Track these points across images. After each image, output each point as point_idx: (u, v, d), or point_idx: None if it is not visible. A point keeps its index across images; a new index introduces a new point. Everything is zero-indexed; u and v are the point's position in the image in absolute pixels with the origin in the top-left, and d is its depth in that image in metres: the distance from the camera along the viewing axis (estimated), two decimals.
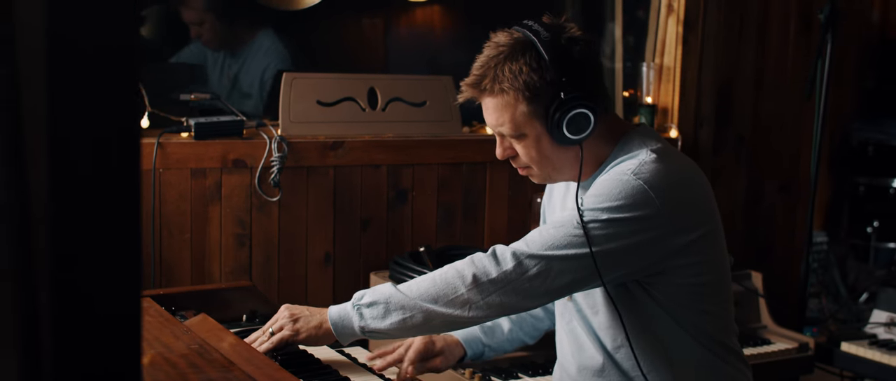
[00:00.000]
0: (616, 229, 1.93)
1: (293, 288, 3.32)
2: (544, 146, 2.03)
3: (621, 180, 1.95)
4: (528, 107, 1.98)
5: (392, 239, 3.46)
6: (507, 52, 1.99)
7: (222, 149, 3.15)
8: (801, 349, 3.34)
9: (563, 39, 1.99)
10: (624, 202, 1.93)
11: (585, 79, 2.00)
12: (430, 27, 4.12)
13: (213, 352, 2.04)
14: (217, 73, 3.69)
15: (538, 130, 2.01)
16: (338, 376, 2.15)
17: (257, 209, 3.23)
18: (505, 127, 2.03)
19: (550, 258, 1.94)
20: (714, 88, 4.04)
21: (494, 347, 2.41)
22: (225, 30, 3.66)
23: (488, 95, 2.02)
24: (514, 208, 3.65)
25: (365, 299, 2.04)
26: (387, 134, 3.44)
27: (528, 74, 1.96)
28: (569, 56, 1.98)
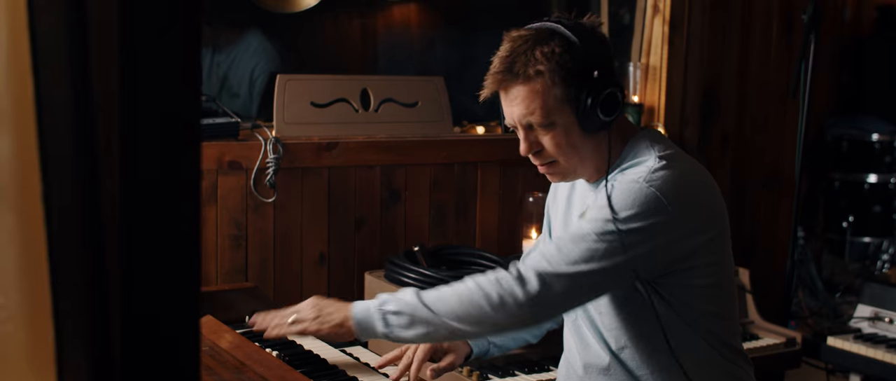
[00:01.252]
0: (633, 238, 1.95)
1: (289, 288, 3.35)
2: (574, 136, 2.02)
3: (633, 190, 1.96)
4: (561, 90, 1.97)
5: (385, 239, 3.50)
6: (534, 37, 1.99)
7: (218, 151, 3.17)
8: (788, 343, 3.40)
9: (585, 27, 2.01)
10: (638, 211, 1.94)
11: (610, 62, 2.04)
12: (420, 27, 4.16)
13: (223, 354, 2.07)
14: (205, 72, 3.70)
15: (568, 118, 2.00)
16: (345, 376, 2.19)
17: (253, 210, 3.26)
18: (535, 115, 2.00)
19: (574, 275, 1.95)
20: (699, 87, 4.10)
21: (499, 344, 2.44)
22: (210, 31, 3.68)
23: (520, 81, 1.99)
24: (505, 207, 3.70)
25: (390, 306, 2.03)
26: (380, 135, 3.47)
27: (561, 55, 1.96)
28: (594, 40, 2.00)
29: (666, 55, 3.98)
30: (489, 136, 3.69)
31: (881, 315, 3.53)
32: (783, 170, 4.36)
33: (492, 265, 3.31)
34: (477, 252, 3.40)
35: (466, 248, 3.44)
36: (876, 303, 3.57)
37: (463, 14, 4.15)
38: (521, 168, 3.70)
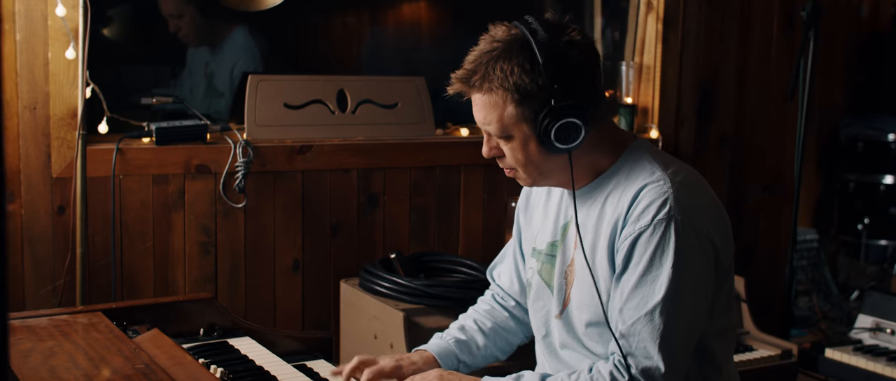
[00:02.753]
0: (686, 278, 1.89)
1: (261, 297, 3.23)
2: (531, 150, 1.94)
3: (668, 230, 1.87)
4: (516, 109, 1.90)
5: (363, 245, 3.37)
6: (501, 50, 1.90)
7: (185, 154, 3.05)
8: (784, 355, 3.25)
9: (561, 42, 1.89)
10: (685, 255, 1.88)
11: (581, 86, 1.91)
12: (408, 26, 4.03)
13: (159, 373, 1.95)
14: (198, 70, 3.58)
15: (526, 133, 1.92)
16: None
17: (222, 216, 3.13)
18: (492, 126, 1.94)
19: (668, 351, 1.88)
20: (695, 86, 3.94)
21: (469, 363, 2.31)
22: (204, 24, 3.55)
23: (477, 91, 1.93)
24: (490, 212, 3.56)
25: None
26: (357, 137, 3.34)
27: (520, 76, 1.87)
28: (565, 60, 1.88)
29: (660, 54, 3.83)
30: (473, 138, 3.55)
31: (882, 326, 3.37)
32: (785, 173, 4.20)
33: (473, 273, 3.18)
34: (458, 259, 3.26)
35: (446, 255, 3.30)
36: (877, 313, 3.41)
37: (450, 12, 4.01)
38: None
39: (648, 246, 1.88)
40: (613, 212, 1.95)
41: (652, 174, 1.93)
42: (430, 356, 2.25)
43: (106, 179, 2.94)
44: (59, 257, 2.92)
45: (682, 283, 1.87)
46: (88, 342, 2.12)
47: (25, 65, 2.84)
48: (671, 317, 1.87)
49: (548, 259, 2.13)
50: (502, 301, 2.40)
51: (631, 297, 1.90)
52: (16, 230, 2.89)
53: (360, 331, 3.07)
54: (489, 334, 2.34)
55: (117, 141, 2.96)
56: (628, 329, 1.90)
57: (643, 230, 1.89)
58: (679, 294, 1.87)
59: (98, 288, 2.97)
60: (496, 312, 2.39)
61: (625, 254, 1.92)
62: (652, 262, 1.88)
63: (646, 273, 1.89)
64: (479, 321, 2.36)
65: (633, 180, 1.95)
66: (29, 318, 2.29)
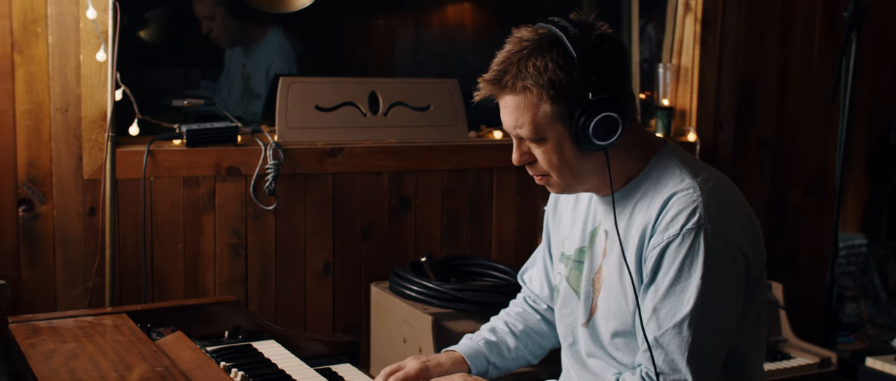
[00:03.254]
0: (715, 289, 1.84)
1: (291, 299, 3.22)
2: (566, 152, 1.89)
3: (698, 239, 1.82)
4: (551, 107, 1.84)
5: (394, 248, 3.35)
6: (531, 47, 1.85)
7: (216, 156, 3.05)
8: (822, 364, 3.17)
9: (592, 37, 1.85)
10: (714, 266, 1.83)
11: (615, 80, 1.87)
12: (443, 28, 4.00)
13: (177, 376, 1.94)
14: (234, 72, 3.59)
15: (560, 133, 1.87)
16: None
17: (252, 218, 3.13)
18: (524, 129, 1.88)
19: (696, 365, 1.83)
20: (734, 89, 3.87)
21: (499, 365, 2.27)
22: (236, 26, 3.56)
23: (509, 92, 1.87)
24: (523, 215, 3.52)
25: None
26: (389, 139, 3.32)
27: (554, 71, 1.82)
28: (598, 55, 1.84)
29: (698, 55, 3.76)
30: (506, 140, 3.51)
31: None
32: (827, 177, 4.11)
33: (505, 277, 3.14)
34: (489, 263, 3.23)
35: (478, 259, 3.27)
36: None
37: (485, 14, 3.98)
38: None
39: (677, 256, 1.83)
40: (642, 219, 1.91)
41: (681, 181, 1.89)
42: (459, 356, 2.21)
43: (137, 181, 2.95)
44: (91, 259, 2.93)
45: (711, 294, 1.82)
46: (111, 344, 2.12)
47: (58, 67, 2.85)
48: (700, 329, 1.82)
49: (576, 265, 2.09)
50: (534, 304, 2.36)
51: (658, 308, 1.85)
52: (48, 232, 2.90)
53: (390, 335, 3.05)
54: (520, 336, 2.30)
55: (148, 143, 2.97)
56: (655, 341, 1.85)
57: (672, 240, 1.84)
58: (708, 306, 1.82)
59: (129, 290, 2.98)
60: (528, 315, 2.35)
61: (653, 264, 1.87)
62: (680, 272, 1.83)
63: (674, 284, 1.84)
64: (511, 323, 2.32)
65: (662, 187, 1.90)
66: (55, 319, 2.30)
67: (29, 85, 2.83)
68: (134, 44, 3.23)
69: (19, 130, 2.84)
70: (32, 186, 2.87)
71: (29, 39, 2.82)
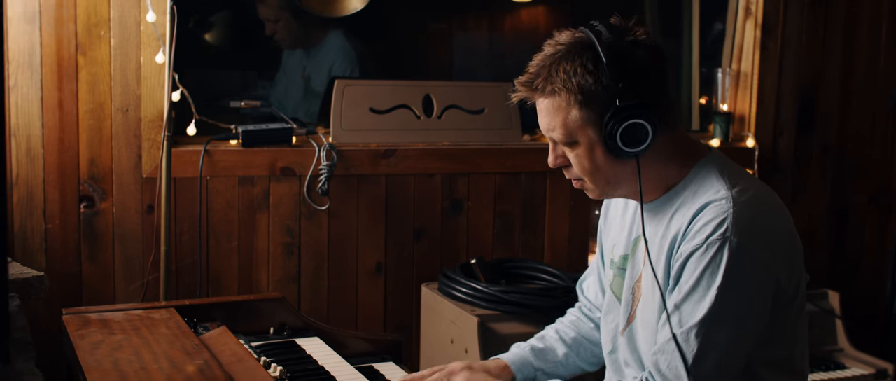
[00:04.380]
0: (731, 303, 1.81)
1: (343, 298, 3.27)
2: (597, 157, 1.88)
3: (721, 252, 1.79)
4: (580, 112, 1.84)
5: (446, 250, 3.38)
6: (563, 52, 1.85)
7: (270, 157, 3.12)
8: (878, 375, 3.11)
9: (625, 42, 1.84)
10: (734, 280, 1.80)
11: (647, 87, 1.84)
12: (501, 32, 4.03)
13: (215, 369, 1.99)
14: (295, 73, 3.66)
15: (592, 138, 1.86)
16: None
17: (306, 218, 3.19)
18: (556, 132, 1.89)
19: (698, 376, 1.82)
20: (795, 94, 3.81)
21: (547, 370, 2.26)
22: (299, 28, 3.63)
23: (541, 95, 1.88)
24: (576, 220, 3.52)
25: None
26: (442, 142, 3.35)
27: (583, 76, 1.82)
28: (630, 60, 1.83)
29: (758, 61, 3.72)
30: None
31: None
32: (892, 185, 4.02)
33: (555, 281, 3.15)
34: (540, 266, 3.24)
35: (529, 261, 3.28)
36: None
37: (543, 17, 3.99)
38: None
39: (698, 265, 1.81)
40: (675, 229, 1.89)
41: (717, 192, 1.85)
42: (504, 364, 2.23)
43: (193, 180, 3.03)
44: (148, 255, 3.02)
45: (725, 309, 1.79)
46: (155, 337, 2.18)
47: (119, 69, 2.95)
48: (707, 341, 1.80)
49: (619, 272, 2.08)
50: (588, 313, 2.35)
51: (672, 315, 1.84)
52: (107, 228, 3.00)
53: (439, 335, 3.08)
54: (571, 344, 2.30)
55: (205, 143, 3.05)
56: (662, 347, 1.84)
57: (696, 249, 1.81)
58: (720, 320, 1.80)
59: (185, 286, 3.07)
60: (581, 323, 2.34)
61: (676, 271, 1.86)
62: (698, 282, 1.81)
63: (690, 293, 1.82)
64: (562, 331, 2.32)
65: (698, 198, 1.87)
66: (106, 312, 2.38)
67: (91, 86, 2.93)
68: (194, 46, 3.32)
69: (82, 129, 2.94)
70: (93, 183, 2.97)
71: (92, 42, 2.92)
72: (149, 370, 1.96)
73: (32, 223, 2.92)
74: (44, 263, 2.94)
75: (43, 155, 2.91)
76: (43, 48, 2.87)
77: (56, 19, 2.87)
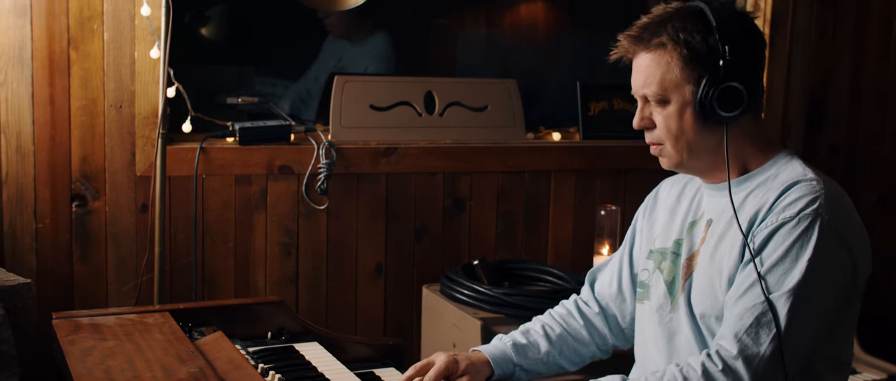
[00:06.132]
0: (818, 279, 1.80)
1: (342, 300, 3.19)
2: (686, 120, 1.90)
3: (813, 226, 1.80)
4: (681, 69, 1.88)
5: (448, 250, 3.30)
6: (675, 11, 1.92)
7: (268, 155, 3.04)
8: (891, 380, 3.03)
9: (734, 13, 1.91)
10: (823, 256, 1.79)
11: (747, 61, 1.89)
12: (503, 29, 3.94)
13: (211, 377, 1.91)
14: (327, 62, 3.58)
15: (685, 99, 1.89)
16: None
17: (304, 218, 3.11)
18: (651, 88, 1.91)
19: (778, 345, 1.79)
20: (804, 92, 3.74)
21: (527, 367, 2.19)
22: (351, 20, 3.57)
23: (644, 48, 1.92)
24: (581, 220, 3.44)
25: None
26: (444, 140, 3.27)
27: (691, 34, 1.87)
28: (737, 28, 1.89)
29: (766, 58, 3.63)
30: (564, 143, 3.44)
31: None
32: None
33: (560, 282, 3.07)
34: (544, 268, 3.16)
35: (532, 263, 3.20)
36: None
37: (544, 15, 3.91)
38: (598, 178, 3.44)
39: (788, 237, 1.81)
40: (754, 205, 1.89)
41: (804, 175, 1.88)
42: (482, 356, 2.15)
43: (189, 179, 2.95)
44: (142, 255, 2.94)
45: (813, 282, 1.79)
46: (148, 343, 2.10)
47: (112, 64, 2.86)
48: (793, 312, 1.79)
49: (672, 257, 2.05)
50: (583, 307, 2.28)
51: (756, 283, 1.82)
52: (100, 227, 2.92)
53: (440, 338, 3.00)
54: (555, 341, 2.22)
55: (201, 140, 2.97)
56: (744, 312, 1.81)
57: (787, 221, 1.82)
58: (807, 293, 1.79)
59: (179, 287, 2.98)
60: (571, 319, 2.26)
61: (760, 242, 1.84)
62: (788, 253, 1.81)
63: (779, 263, 1.81)
64: (548, 325, 2.24)
65: (783, 179, 1.89)
66: (97, 316, 2.30)
67: (84, 81, 2.85)
68: (190, 41, 3.23)
69: (74, 125, 2.86)
70: (86, 181, 2.89)
71: (85, 36, 2.83)
72: (142, 378, 1.88)
73: (22, 223, 2.84)
74: (34, 263, 2.86)
75: (33, 152, 2.83)
76: (34, 42, 2.78)
77: (47, 13, 2.78)
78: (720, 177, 1.96)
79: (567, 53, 3.73)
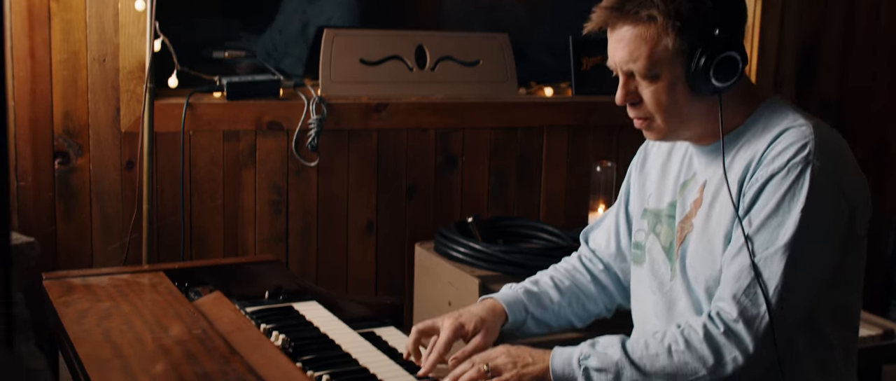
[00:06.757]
0: (813, 228, 1.73)
1: (333, 258, 3.13)
2: (678, 93, 1.78)
3: (804, 174, 1.72)
4: (673, 41, 1.73)
5: (440, 207, 3.24)
6: None
7: (257, 110, 2.95)
8: (885, 336, 3.02)
9: None
10: (816, 204, 1.72)
11: (736, 21, 1.78)
12: None
13: (215, 339, 1.85)
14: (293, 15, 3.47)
15: (676, 72, 1.76)
16: (356, 365, 1.94)
17: (294, 174, 3.03)
18: (638, 63, 1.76)
19: (778, 301, 1.73)
20: (796, 47, 3.70)
21: (538, 317, 2.12)
22: None
23: (628, 21, 1.76)
24: (573, 176, 3.39)
25: (592, 362, 1.81)
26: (435, 95, 3.20)
27: (682, 2, 1.72)
28: None
29: (759, 10, 3.59)
30: (557, 98, 3.38)
31: None
32: (892, 140, 3.93)
33: (555, 240, 3.03)
34: (538, 225, 3.11)
35: (526, 220, 3.15)
36: None
37: None
38: (591, 134, 3.38)
39: (779, 189, 1.73)
40: (744, 159, 1.80)
41: (794, 120, 1.79)
42: (495, 304, 2.07)
43: (175, 135, 2.86)
44: (128, 214, 2.85)
45: (807, 233, 1.72)
46: (147, 304, 2.03)
47: (95, 16, 2.76)
48: (790, 266, 1.72)
49: (667, 220, 1.97)
50: (588, 263, 2.21)
51: (748, 241, 1.75)
52: (84, 185, 2.83)
53: (434, 297, 2.95)
54: (565, 293, 2.15)
55: (187, 96, 2.87)
56: (740, 271, 1.74)
57: (776, 172, 1.74)
58: (802, 244, 1.72)
59: (167, 246, 2.91)
60: (578, 274, 2.20)
61: (751, 196, 1.77)
62: (780, 206, 1.73)
63: (771, 217, 1.74)
64: (556, 278, 2.17)
65: (771, 128, 1.80)
66: (90, 276, 2.22)
67: (65, 34, 2.74)
68: None
69: (55, 80, 2.75)
70: (68, 138, 2.79)
71: None
72: (144, 341, 1.81)
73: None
74: (16, 223, 2.76)
75: (14, 108, 2.72)
76: None
77: None
78: (710, 139, 1.87)
79: (558, 6, 3.65)
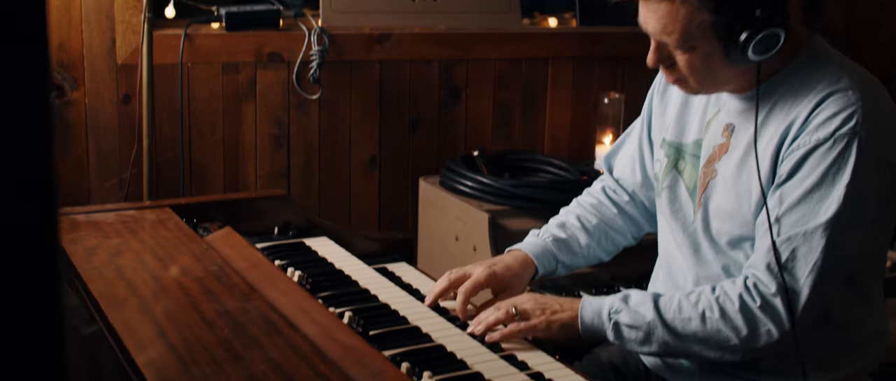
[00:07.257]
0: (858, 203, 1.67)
1: (335, 194, 3.06)
2: (714, 62, 1.70)
3: (850, 147, 1.65)
4: (709, 18, 1.64)
5: (443, 141, 3.17)
6: None
7: (256, 41, 2.86)
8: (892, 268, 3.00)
9: None
10: (862, 178, 1.65)
11: None
12: None
13: (233, 276, 1.79)
14: None
15: (712, 45, 1.67)
16: (376, 301, 1.88)
17: (295, 108, 2.95)
18: (672, 37, 1.68)
19: (817, 278, 1.67)
20: None
21: (568, 263, 2.08)
22: None
23: None
24: (578, 108, 3.32)
25: (624, 318, 1.76)
26: (439, 26, 3.11)
27: None
28: None
29: None
30: (562, 29, 3.29)
31: None
32: None
33: (562, 173, 2.97)
34: (545, 159, 3.06)
35: (532, 153, 3.10)
36: None
37: None
38: (597, 65, 3.31)
39: (823, 161, 1.66)
40: (783, 118, 1.71)
41: (838, 81, 1.69)
42: (526, 257, 2.01)
43: (173, 67, 2.77)
44: (126, 149, 2.77)
45: (853, 207, 1.66)
46: (157, 241, 1.96)
47: None
48: (830, 242, 1.66)
49: (692, 160, 1.89)
50: (613, 195, 2.14)
51: (789, 212, 1.68)
52: (79, 120, 2.74)
53: (441, 232, 2.89)
54: (593, 232, 2.09)
55: (184, 26, 2.77)
56: (778, 242, 1.68)
57: (821, 143, 1.66)
58: (847, 220, 1.66)
59: (166, 182, 2.83)
60: (604, 208, 2.13)
61: (793, 164, 1.69)
62: (823, 178, 1.66)
63: (813, 190, 1.67)
64: (583, 217, 2.11)
65: (812, 86, 1.70)
66: (94, 212, 2.15)
67: None
68: None
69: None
70: (62, 70, 2.69)
71: None
72: (159, 278, 1.75)
73: None
74: None
75: None
76: None
77: None
78: (745, 90, 1.78)
79: None
